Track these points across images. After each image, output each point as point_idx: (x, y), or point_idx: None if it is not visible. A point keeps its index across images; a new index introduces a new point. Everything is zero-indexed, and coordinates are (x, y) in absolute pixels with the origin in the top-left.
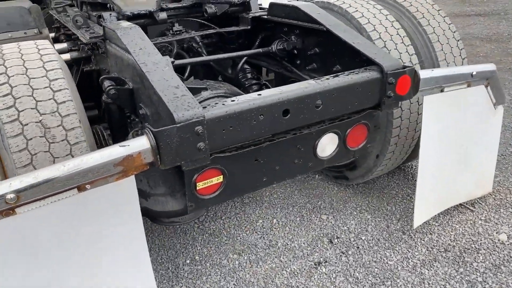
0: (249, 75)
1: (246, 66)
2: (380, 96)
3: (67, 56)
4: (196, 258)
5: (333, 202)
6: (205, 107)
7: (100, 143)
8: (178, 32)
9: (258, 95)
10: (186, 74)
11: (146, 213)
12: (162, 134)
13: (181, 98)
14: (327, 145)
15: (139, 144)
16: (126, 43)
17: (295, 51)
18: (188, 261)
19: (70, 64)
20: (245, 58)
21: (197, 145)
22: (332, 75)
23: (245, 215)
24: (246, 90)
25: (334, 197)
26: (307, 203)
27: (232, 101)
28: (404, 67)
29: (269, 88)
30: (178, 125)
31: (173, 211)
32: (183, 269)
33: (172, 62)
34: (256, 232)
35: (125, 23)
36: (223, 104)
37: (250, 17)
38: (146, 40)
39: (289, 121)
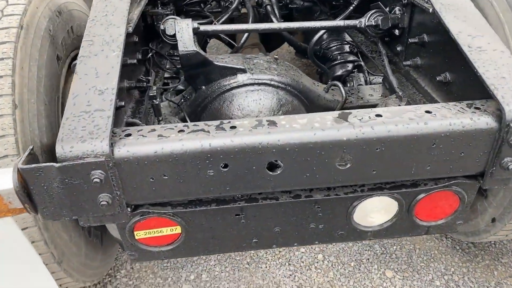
0: (339, 48)
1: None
2: (488, 162)
3: None
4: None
5: (412, 255)
6: (126, 134)
7: None
8: None
9: (230, 127)
10: (240, 42)
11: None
12: (32, 174)
13: (89, 116)
14: (375, 212)
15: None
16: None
17: (396, 32)
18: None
19: None
20: (320, 33)
21: (98, 198)
22: (394, 98)
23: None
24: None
25: (416, 248)
26: (370, 247)
27: (179, 130)
28: None
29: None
30: (58, 164)
31: None
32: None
33: (197, 29)
34: (288, 270)
35: None
36: (154, 139)
37: None
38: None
39: (280, 179)
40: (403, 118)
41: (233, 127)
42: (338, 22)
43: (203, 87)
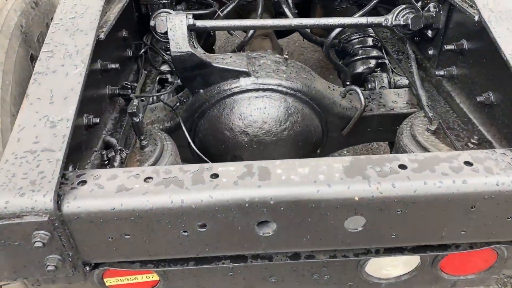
0: (361, 42)
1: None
2: None
3: None
4: None
5: None
6: (79, 182)
7: None
8: None
9: (211, 176)
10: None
11: None
12: None
13: (34, 158)
14: (391, 266)
15: None
16: None
17: (429, 33)
18: None
19: None
20: (336, 31)
21: (44, 260)
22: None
23: None
24: (350, 68)
25: None
26: None
27: (146, 178)
28: None
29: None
30: None
31: None
32: None
33: (192, 26)
34: None
35: None
36: (112, 191)
37: None
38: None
39: (274, 240)
40: (435, 172)
41: (214, 176)
42: (360, 20)
43: (201, 90)
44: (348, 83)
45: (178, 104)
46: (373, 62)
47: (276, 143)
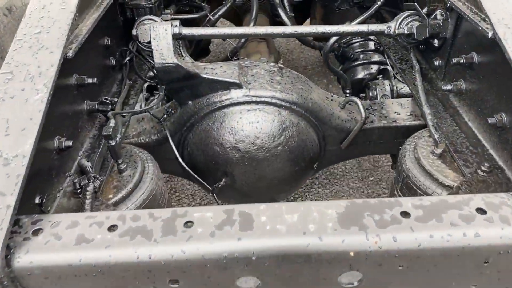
0: (362, 45)
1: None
2: None
3: None
4: None
5: None
6: (34, 231)
7: None
8: None
9: (185, 224)
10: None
11: None
12: None
13: None
14: None
15: None
16: None
17: (435, 43)
18: None
19: None
20: (334, 39)
21: None
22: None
23: None
24: (351, 73)
25: None
26: None
27: (111, 227)
28: None
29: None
30: None
31: None
32: None
33: (178, 35)
34: None
35: None
36: (71, 243)
37: None
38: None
39: None
40: (442, 222)
41: (188, 224)
42: (360, 27)
43: (190, 102)
44: (348, 90)
45: (165, 116)
46: (374, 68)
47: (269, 159)
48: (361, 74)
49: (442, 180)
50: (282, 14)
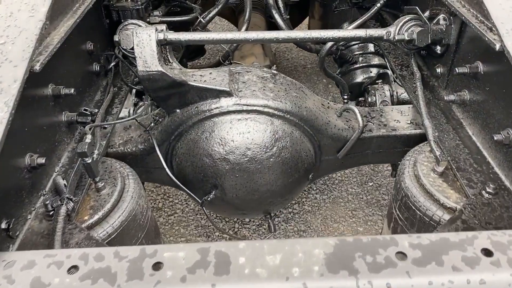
0: (361, 48)
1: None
2: None
3: None
4: None
5: None
6: None
7: None
8: None
9: (153, 266)
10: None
11: None
12: None
13: None
14: None
15: None
16: None
17: (438, 49)
18: None
19: None
20: (330, 45)
21: None
22: None
23: None
24: (348, 78)
25: None
26: None
27: (70, 268)
28: None
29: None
30: None
31: None
32: None
33: (163, 41)
34: None
35: None
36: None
37: None
38: None
39: None
40: (443, 266)
41: (157, 266)
42: (357, 32)
43: (177, 110)
44: (346, 96)
45: (152, 124)
46: (374, 71)
47: (261, 171)
48: (360, 77)
49: (443, 202)
50: (276, 16)
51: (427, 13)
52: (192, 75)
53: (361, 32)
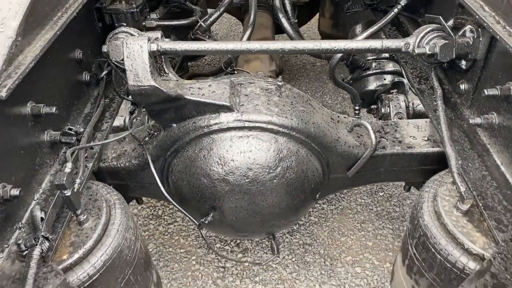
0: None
1: None
2: None
3: None
4: None
5: None
6: None
7: None
8: None
9: None
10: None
11: None
12: None
13: None
14: None
15: None
16: None
17: (463, 64)
18: None
19: None
20: (339, 56)
21: None
22: None
23: None
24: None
25: None
26: None
27: None
28: None
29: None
30: None
31: None
32: None
33: (156, 52)
34: None
35: None
36: None
37: None
38: None
39: None
40: None
41: None
42: (372, 44)
43: (174, 125)
44: (357, 107)
45: (147, 138)
46: (388, 78)
47: (263, 193)
48: (373, 85)
49: (468, 247)
50: (283, 21)
51: (451, 22)
52: (190, 88)
53: (377, 44)
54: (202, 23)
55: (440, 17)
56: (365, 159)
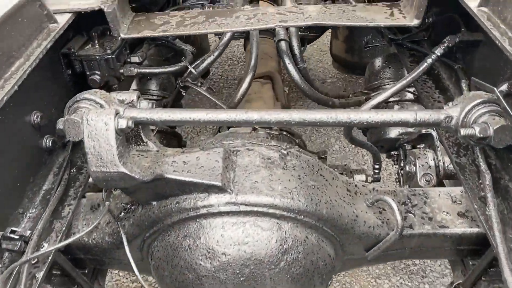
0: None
1: None
2: None
3: None
4: None
5: None
6: None
7: None
8: None
9: None
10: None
11: None
12: None
13: None
14: None
15: None
16: None
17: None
18: None
19: None
20: None
21: None
22: None
23: None
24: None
25: None
26: None
27: None
28: None
29: None
30: None
31: None
32: None
33: (126, 129)
34: None
35: None
36: None
37: None
38: None
39: None
40: None
41: None
42: (403, 116)
43: (154, 203)
44: (377, 166)
45: (122, 214)
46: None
47: None
48: (394, 132)
49: None
50: (290, 67)
51: (504, 87)
52: (172, 163)
53: (409, 116)
54: (193, 70)
55: (495, 89)
56: (389, 243)
